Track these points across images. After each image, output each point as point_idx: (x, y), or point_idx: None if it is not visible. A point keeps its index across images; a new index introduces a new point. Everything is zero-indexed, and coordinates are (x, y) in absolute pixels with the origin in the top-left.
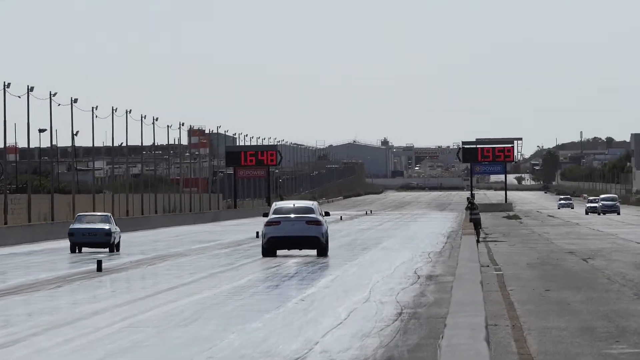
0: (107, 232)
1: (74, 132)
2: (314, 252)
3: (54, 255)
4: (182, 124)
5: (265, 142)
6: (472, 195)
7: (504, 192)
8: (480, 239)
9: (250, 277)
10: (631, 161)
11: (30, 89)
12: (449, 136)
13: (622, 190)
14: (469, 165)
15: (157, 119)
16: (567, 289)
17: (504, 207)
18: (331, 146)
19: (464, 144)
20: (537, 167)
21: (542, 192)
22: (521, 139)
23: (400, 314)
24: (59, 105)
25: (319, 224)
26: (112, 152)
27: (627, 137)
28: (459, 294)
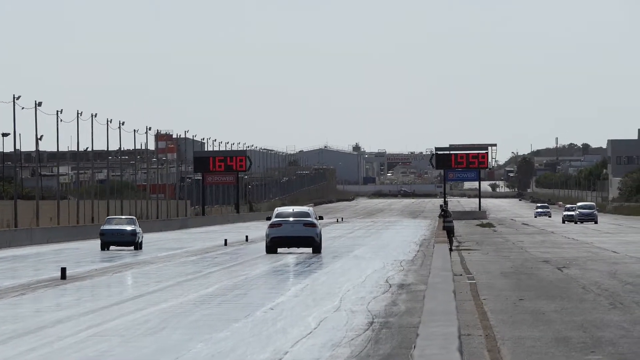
0: (133, 233)
1: (38, 137)
2: (307, 250)
3: (18, 262)
4: (149, 129)
5: (234, 147)
6: (445, 202)
7: (477, 199)
8: (453, 247)
9: (218, 286)
10: (607, 168)
11: None
12: (422, 142)
13: (598, 197)
14: (442, 171)
15: (123, 123)
16: (542, 299)
17: (478, 214)
18: (302, 152)
19: (437, 149)
20: (512, 174)
21: (516, 200)
22: (495, 145)
23: (371, 323)
24: (23, 108)
25: (314, 226)
26: (77, 157)
27: (603, 144)
28: (431, 303)
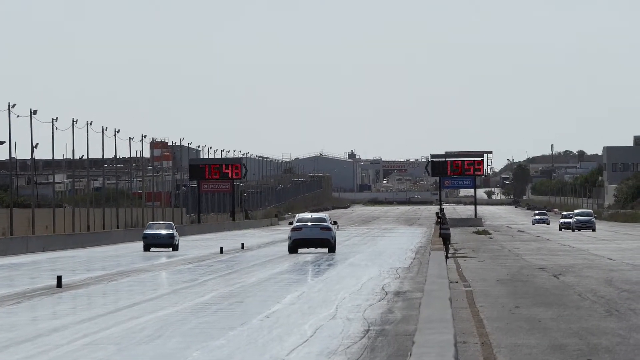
0: (171, 236)
1: (34, 145)
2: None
3: (13, 270)
4: (145, 136)
5: (229, 154)
6: (441, 209)
7: (473, 206)
8: (449, 255)
9: (214, 294)
10: (603, 175)
11: None
12: (418, 149)
13: (594, 204)
14: (437, 179)
15: (118, 131)
16: (538, 306)
17: (474, 222)
18: (297, 159)
19: (432, 157)
20: (508, 181)
21: (512, 207)
22: (491, 152)
23: (367, 331)
24: (18, 116)
25: (329, 229)
26: (72, 165)
27: (599, 150)
28: (427, 311)
